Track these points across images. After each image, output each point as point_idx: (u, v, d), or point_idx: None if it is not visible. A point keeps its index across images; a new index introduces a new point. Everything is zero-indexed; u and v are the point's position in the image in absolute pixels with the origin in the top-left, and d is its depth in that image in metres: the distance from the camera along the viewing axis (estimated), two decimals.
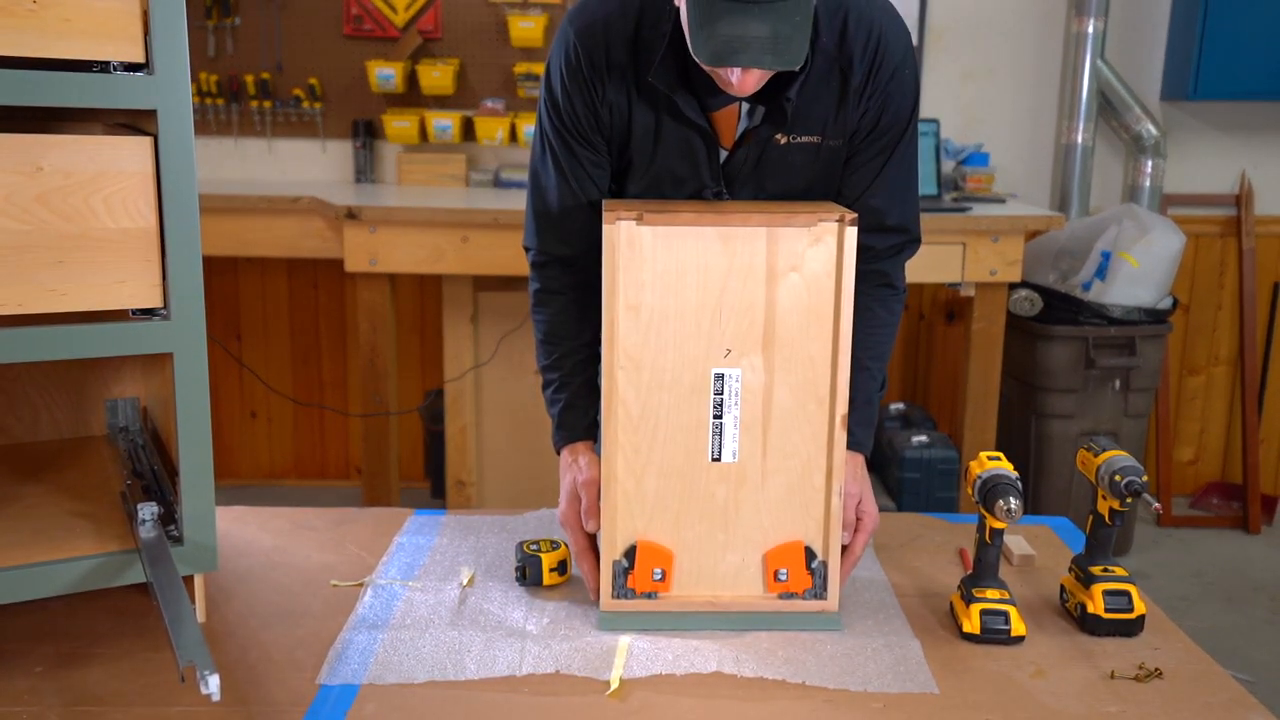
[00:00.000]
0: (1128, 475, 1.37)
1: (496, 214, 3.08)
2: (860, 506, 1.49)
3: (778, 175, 1.48)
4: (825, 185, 1.50)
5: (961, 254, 3.17)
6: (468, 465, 3.56)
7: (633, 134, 1.46)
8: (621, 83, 1.42)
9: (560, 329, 1.55)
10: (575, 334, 1.54)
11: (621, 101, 1.44)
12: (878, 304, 1.53)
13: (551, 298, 1.55)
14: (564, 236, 1.52)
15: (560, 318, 1.55)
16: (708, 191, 1.49)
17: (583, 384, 1.54)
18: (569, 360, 1.54)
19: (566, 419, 1.52)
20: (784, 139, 1.44)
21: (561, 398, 1.53)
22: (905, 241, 1.55)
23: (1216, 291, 4.00)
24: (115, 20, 1.23)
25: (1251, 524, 3.91)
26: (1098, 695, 1.27)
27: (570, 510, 1.47)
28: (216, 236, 3.21)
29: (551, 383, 1.55)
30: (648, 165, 1.48)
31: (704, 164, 1.46)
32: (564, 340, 1.54)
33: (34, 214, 1.21)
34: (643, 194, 1.52)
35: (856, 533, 1.49)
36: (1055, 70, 3.86)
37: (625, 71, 1.42)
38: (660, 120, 1.44)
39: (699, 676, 1.30)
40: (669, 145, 1.45)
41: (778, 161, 1.46)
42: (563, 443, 1.52)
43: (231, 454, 4.08)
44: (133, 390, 1.81)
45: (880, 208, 1.50)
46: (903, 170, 1.51)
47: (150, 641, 1.36)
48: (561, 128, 1.46)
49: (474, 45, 3.76)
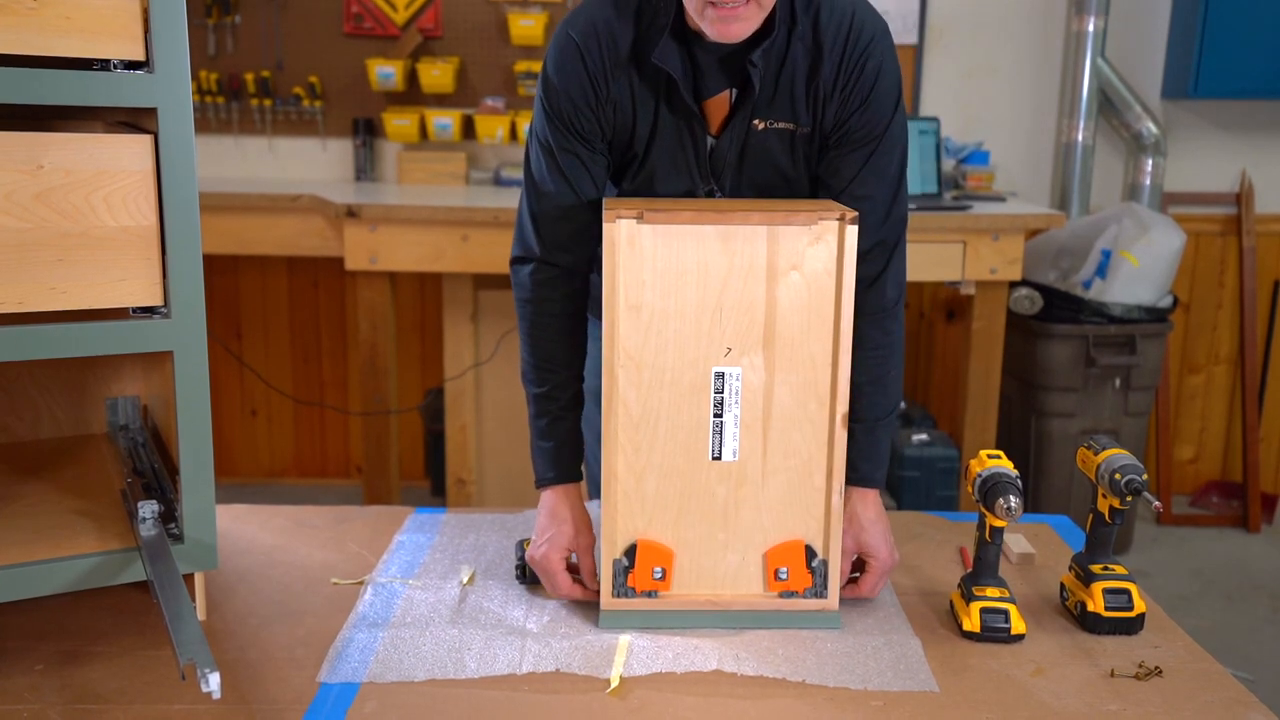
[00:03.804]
0: (1128, 474, 1.37)
1: (497, 212, 3.08)
2: (867, 552, 1.47)
3: (758, 163, 1.48)
4: (804, 175, 1.49)
5: (962, 252, 3.17)
6: (468, 464, 3.56)
7: (636, 130, 1.47)
8: (625, 80, 1.44)
9: (556, 356, 1.52)
10: (568, 362, 1.53)
11: (625, 98, 1.45)
12: (870, 325, 1.47)
13: (549, 320, 1.52)
14: (563, 241, 1.50)
15: (556, 344, 1.52)
16: (699, 189, 1.50)
17: (574, 423, 1.53)
18: (564, 393, 1.52)
19: (561, 456, 1.50)
20: (761, 124, 1.45)
21: (555, 435, 1.51)
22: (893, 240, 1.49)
23: (1217, 290, 4.00)
24: (116, 18, 1.23)
25: (1251, 523, 3.91)
26: (1098, 693, 1.27)
27: (554, 555, 1.45)
28: (217, 235, 3.21)
29: (546, 414, 1.51)
30: (643, 160, 1.49)
31: (693, 157, 1.47)
32: (559, 369, 1.52)
33: (34, 212, 1.22)
34: (636, 191, 1.52)
35: (865, 574, 1.48)
36: (1055, 69, 3.86)
37: (627, 68, 1.43)
38: (659, 113, 1.45)
39: (699, 675, 1.30)
40: (664, 138, 1.47)
41: (757, 148, 1.47)
42: (554, 481, 1.50)
43: (232, 452, 4.08)
44: (133, 389, 1.81)
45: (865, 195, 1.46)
46: (891, 162, 1.47)
47: (151, 639, 1.36)
48: (561, 128, 1.46)
49: (474, 44, 3.75)
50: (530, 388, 1.53)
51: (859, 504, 1.48)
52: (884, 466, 1.51)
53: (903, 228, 1.51)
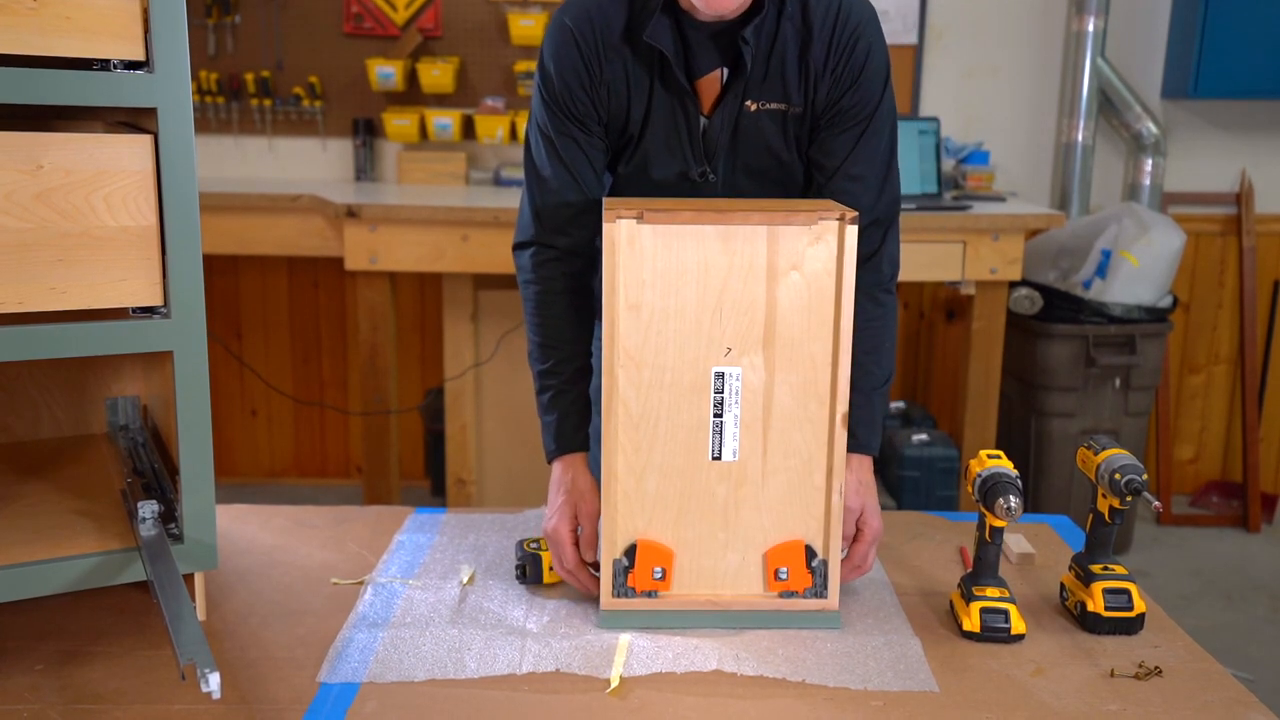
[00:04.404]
0: (1128, 474, 1.37)
1: (497, 212, 3.08)
2: (861, 518, 1.49)
3: (752, 145, 1.51)
4: (796, 157, 1.53)
5: (962, 252, 3.17)
6: (468, 463, 3.56)
7: (630, 112, 1.50)
8: (619, 62, 1.47)
9: (559, 332, 1.54)
10: (573, 338, 1.55)
11: (619, 80, 1.48)
12: (865, 297, 1.50)
13: (552, 298, 1.55)
14: (564, 225, 1.53)
15: (559, 321, 1.54)
16: (693, 171, 1.52)
17: (579, 395, 1.54)
18: (567, 367, 1.54)
19: (563, 429, 1.52)
20: (754, 106, 1.48)
21: (558, 407, 1.53)
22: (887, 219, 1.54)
23: (1217, 290, 4.00)
24: (115, 18, 1.23)
25: (1251, 522, 3.91)
26: (1098, 693, 1.27)
27: (563, 527, 1.46)
28: (217, 235, 3.21)
29: (548, 389, 1.54)
30: (638, 142, 1.52)
31: (686, 137, 1.50)
32: (563, 345, 1.54)
33: (34, 212, 1.21)
34: (630, 174, 1.56)
35: (856, 543, 1.49)
36: (1055, 68, 3.86)
37: (621, 50, 1.47)
38: (653, 93, 1.48)
39: (699, 675, 1.30)
40: (658, 118, 1.50)
41: (751, 130, 1.50)
42: (557, 453, 1.52)
43: (232, 452, 4.08)
44: (133, 388, 1.81)
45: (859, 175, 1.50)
46: (881, 142, 1.51)
47: (151, 639, 1.36)
48: (559, 114, 1.49)
49: (474, 43, 3.76)
50: (534, 365, 1.56)
51: (859, 469, 1.50)
52: (879, 435, 1.56)
53: (896, 207, 1.56)
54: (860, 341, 1.46)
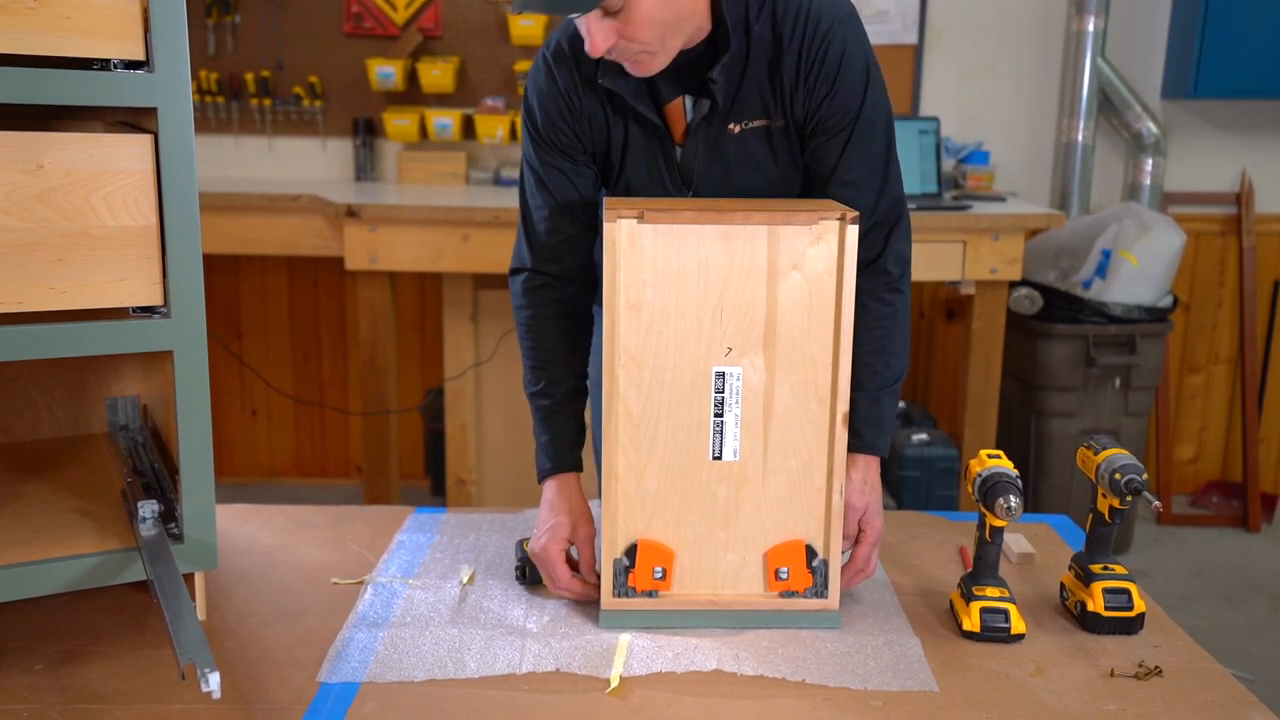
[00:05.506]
0: (1128, 473, 1.37)
1: (497, 212, 3.08)
2: (864, 519, 1.48)
3: (742, 167, 1.48)
4: (790, 170, 1.49)
5: (962, 252, 3.17)
6: (468, 463, 3.56)
7: (611, 140, 1.51)
8: (596, 95, 1.48)
9: (551, 356, 1.55)
10: (566, 362, 1.55)
11: (598, 112, 1.49)
12: (870, 297, 1.48)
13: (543, 323, 1.55)
14: (555, 253, 1.55)
15: (551, 345, 1.55)
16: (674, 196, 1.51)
17: (572, 415, 1.54)
18: (559, 389, 1.54)
19: (556, 449, 1.52)
20: (736, 128, 1.46)
21: (550, 428, 1.53)
22: (890, 220, 1.50)
23: (1217, 290, 4.00)
24: (116, 18, 1.23)
25: (1251, 522, 3.91)
26: (1097, 693, 1.27)
27: (553, 547, 1.46)
28: (217, 234, 3.21)
29: (541, 410, 1.54)
30: (620, 170, 1.52)
31: (663, 165, 1.50)
32: (554, 367, 1.55)
33: (34, 212, 1.21)
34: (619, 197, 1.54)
35: (858, 545, 1.48)
36: (1055, 68, 3.86)
37: (595, 83, 1.46)
38: (628, 125, 1.49)
39: (699, 674, 1.30)
40: (635, 149, 1.50)
41: (738, 153, 1.47)
42: (551, 472, 1.51)
43: (232, 452, 4.08)
44: (133, 388, 1.81)
45: (853, 180, 1.46)
46: (874, 144, 1.47)
47: (151, 639, 1.36)
48: (544, 146, 1.51)
49: (474, 43, 3.75)
50: (528, 388, 1.57)
51: (865, 468, 1.48)
52: (887, 435, 1.51)
53: (899, 207, 1.51)
54: (867, 342, 1.46)
